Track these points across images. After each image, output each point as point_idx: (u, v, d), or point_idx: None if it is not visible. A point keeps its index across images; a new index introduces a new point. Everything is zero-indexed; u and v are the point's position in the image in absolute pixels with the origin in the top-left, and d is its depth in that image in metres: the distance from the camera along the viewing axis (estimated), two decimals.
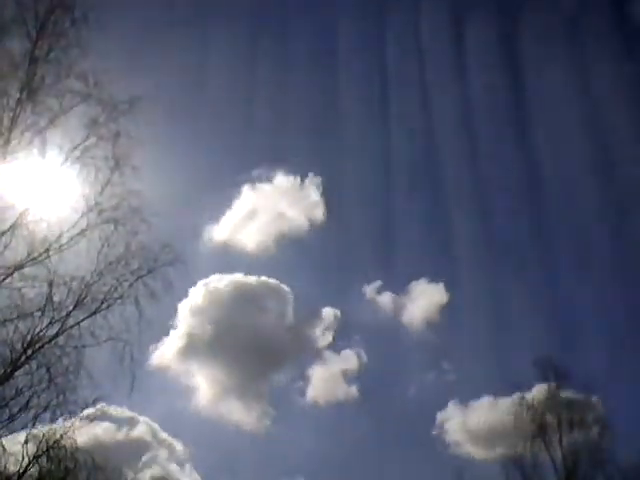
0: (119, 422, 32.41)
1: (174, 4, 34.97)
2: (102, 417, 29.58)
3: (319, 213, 39.73)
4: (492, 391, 34.68)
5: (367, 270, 41.24)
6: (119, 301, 14.90)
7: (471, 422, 35.34)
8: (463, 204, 41.92)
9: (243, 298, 38.63)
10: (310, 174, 39.54)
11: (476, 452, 35.27)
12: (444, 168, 42.41)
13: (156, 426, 34.43)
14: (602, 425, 27.25)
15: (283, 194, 40.65)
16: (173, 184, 18.20)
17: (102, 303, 14.78)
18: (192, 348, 37.52)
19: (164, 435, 34.42)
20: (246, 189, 39.76)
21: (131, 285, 14.96)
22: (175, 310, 33.09)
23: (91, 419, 23.70)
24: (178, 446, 34.35)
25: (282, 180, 39.93)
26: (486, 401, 35.44)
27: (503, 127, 42.00)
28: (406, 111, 40.80)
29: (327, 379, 39.28)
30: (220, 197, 38.70)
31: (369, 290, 40.27)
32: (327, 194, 39.21)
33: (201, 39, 38.69)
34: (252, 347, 37.80)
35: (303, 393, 39.09)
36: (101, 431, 30.30)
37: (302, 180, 39.68)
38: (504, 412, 31.95)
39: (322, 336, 39.44)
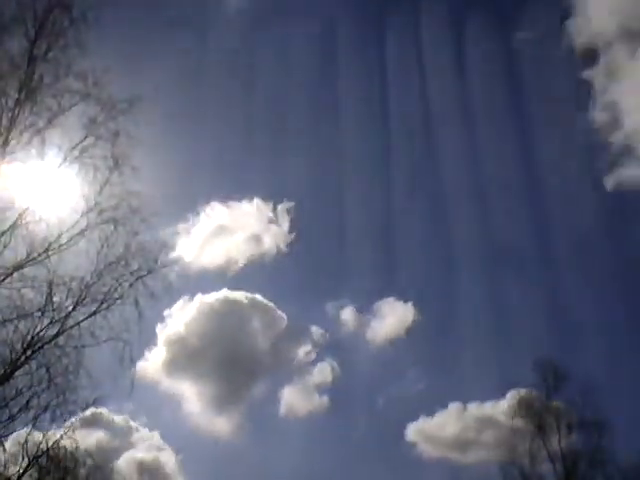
0: (112, 428, 32.94)
1: (173, 4, 34.99)
2: (96, 422, 30.00)
3: (289, 237, 40.41)
4: (461, 398, 36.33)
5: (343, 287, 42.72)
6: (119, 301, 14.89)
7: (442, 429, 36.64)
8: (461, 204, 42.23)
9: (220, 314, 39.53)
10: (284, 199, 40.24)
11: (447, 457, 37.27)
12: (435, 177, 43.07)
13: (147, 431, 35.51)
14: (601, 425, 27.25)
15: (253, 216, 41.33)
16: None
17: (102, 303, 14.76)
18: (173, 362, 38.95)
19: (157, 440, 35.44)
20: (218, 208, 40.29)
21: (131, 285, 14.93)
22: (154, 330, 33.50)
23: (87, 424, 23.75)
24: (168, 451, 35.27)
25: (254, 203, 40.73)
26: (455, 408, 36.88)
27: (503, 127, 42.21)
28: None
29: (302, 392, 40.83)
30: (190, 215, 38.11)
31: (343, 307, 42.15)
32: (297, 218, 39.97)
33: (199, 39, 38.85)
34: (230, 361, 39.12)
35: (279, 405, 40.41)
36: (95, 435, 30.70)
37: (275, 205, 40.30)
38: (473, 418, 34.25)
39: (298, 352, 41.39)
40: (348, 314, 41.75)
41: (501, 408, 30.37)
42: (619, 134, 36.90)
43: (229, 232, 41.05)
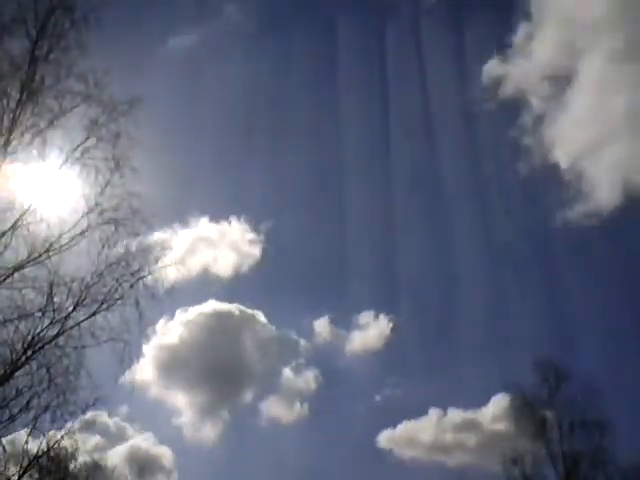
0: (109, 429, 33.25)
1: (174, 6, 35.03)
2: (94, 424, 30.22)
3: (274, 247, 41.57)
4: (440, 404, 37.66)
5: (326, 300, 44.05)
6: (119, 302, 14.90)
7: (423, 433, 38.21)
8: (461, 203, 42.40)
9: (206, 325, 40.92)
10: (264, 221, 42.03)
11: (430, 460, 38.64)
12: (424, 182, 43.29)
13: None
14: (603, 425, 27.23)
15: (238, 230, 41.95)
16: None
17: (102, 304, 14.79)
18: (161, 373, 40.66)
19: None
20: (202, 221, 40.87)
21: (131, 286, 14.95)
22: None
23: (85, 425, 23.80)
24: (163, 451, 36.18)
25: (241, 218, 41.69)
26: (435, 414, 38.32)
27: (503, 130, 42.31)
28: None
29: (286, 401, 42.38)
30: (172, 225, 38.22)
31: (325, 319, 43.77)
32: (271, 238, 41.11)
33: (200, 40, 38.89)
34: (216, 371, 40.56)
35: (263, 413, 41.61)
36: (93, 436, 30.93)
37: (256, 225, 41.59)
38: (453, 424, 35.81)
39: (282, 362, 43.22)
40: (330, 326, 43.35)
41: (483, 413, 30.88)
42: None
43: (211, 245, 41.82)
